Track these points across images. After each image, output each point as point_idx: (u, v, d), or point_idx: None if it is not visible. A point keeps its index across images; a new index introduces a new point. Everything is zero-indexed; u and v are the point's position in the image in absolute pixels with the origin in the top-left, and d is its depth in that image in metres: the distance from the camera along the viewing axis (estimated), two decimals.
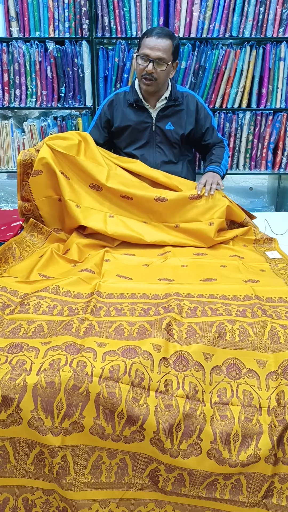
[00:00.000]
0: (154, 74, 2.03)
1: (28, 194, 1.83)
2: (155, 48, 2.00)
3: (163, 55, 2.01)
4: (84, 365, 1.05)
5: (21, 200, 1.85)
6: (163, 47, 2.00)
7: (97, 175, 1.85)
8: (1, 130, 2.80)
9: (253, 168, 2.88)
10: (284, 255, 1.75)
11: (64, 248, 1.75)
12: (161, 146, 2.21)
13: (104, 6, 2.55)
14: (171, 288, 1.37)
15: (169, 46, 2.02)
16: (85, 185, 1.87)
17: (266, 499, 1.06)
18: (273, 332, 1.18)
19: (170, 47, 2.03)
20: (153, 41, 2.00)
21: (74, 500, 1.04)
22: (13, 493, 1.06)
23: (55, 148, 1.82)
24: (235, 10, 2.55)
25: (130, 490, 1.06)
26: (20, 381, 1.03)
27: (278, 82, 2.69)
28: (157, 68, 2.02)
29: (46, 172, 1.81)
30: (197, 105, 2.22)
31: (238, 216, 1.94)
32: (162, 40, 2.00)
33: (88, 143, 1.96)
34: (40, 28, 2.62)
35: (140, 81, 2.09)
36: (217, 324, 1.19)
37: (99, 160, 1.92)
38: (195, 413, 1.05)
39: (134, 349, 1.11)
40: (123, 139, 2.22)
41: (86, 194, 1.86)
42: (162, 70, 2.03)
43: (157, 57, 2.00)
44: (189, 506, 1.07)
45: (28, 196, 1.84)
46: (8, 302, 1.31)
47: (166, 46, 2.01)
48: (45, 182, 1.82)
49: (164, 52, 2.01)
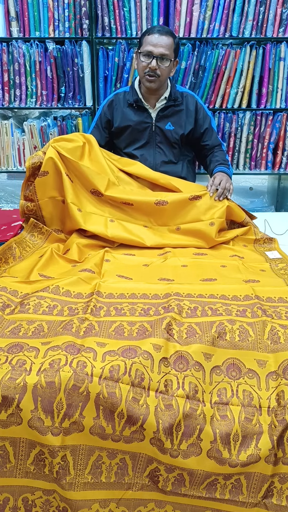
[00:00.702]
0: (157, 71, 2.03)
1: (32, 194, 1.84)
2: (158, 45, 2.01)
3: (166, 51, 2.02)
4: (84, 365, 1.05)
5: (24, 199, 1.85)
6: (166, 43, 2.02)
7: (98, 184, 1.85)
8: (1, 130, 2.80)
9: (253, 168, 2.88)
10: (284, 255, 1.75)
11: (64, 248, 1.75)
12: (161, 146, 2.21)
13: (104, 6, 2.55)
14: (171, 288, 1.37)
15: (171, 42, 2.04)
16: (86, 190, 1.88)
17: (266, 499, 1.06)
18: (273, 332, 1.18)
19: (172, 44, 2.04)
20: (155, 38, 2.01)
21: (74, 500, 1.04)
22: (13, 493, 1.06)
23: (60, 151, 1.82)
24: (235, 10, 2.55)
25: (130, 490, 1.06)
26: (20, 381, 1.03)
27: (278, 82, 2.69)
28: (160, 64, 2.03)
29: (53, 173, 1.82)
30: (197, 105, 2.22)
31: (238, 216, 1.94)
32: (165, 37, 2.02)
33: (92, 146, 1.97)
34: (40, 28, 2.62)
35: (142, 78, 2.09)
36: (217, 324, 1.19)
37: (102, 163, 1.92)
38: (195, 413, 1.05)
39: (134, 349, 1.11)
40: (123, 139, 2.22)
41: (87, 199, 1.87)
42: (166, 67, 2.04)
43: (160, 54, 2.01)
44: (189, 506, 1.07)
45: (32, 196, 1.84)
46: (8, 302, 1.31)
47: (168, 42, 2.03)
48: (50, 183, 1.83)
49: (167, 49, 2.02)
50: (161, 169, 2.18)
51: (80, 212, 1.80)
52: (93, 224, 1.80)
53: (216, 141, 2.28)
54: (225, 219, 1.91)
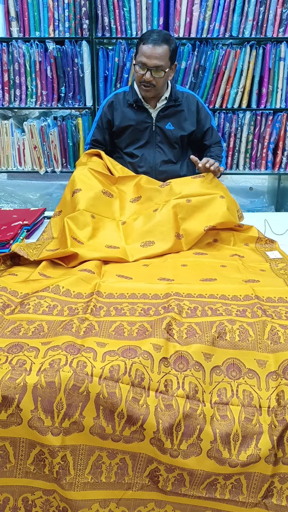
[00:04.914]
0: (152, 82, 2.03)
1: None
2: (152, 57, 1.98)
3: (160, 62, 2.00)
4: (84, 365, 1.05)
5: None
6: (159, 54, 1.99)
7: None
8: (1, 130, 2.80)
9: (253, 168, 2.88)
10: (285, 255, 1.75)
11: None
12: (161, 146, 2.21)
13: (104, 6, 2.55)
14: (171, 288, 1.37)
15: (165, 52, 2.00)
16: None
17: (266, 499, 1.06)
18: (273, 332, 1.18)
19: (167, 52, 2.01)
20: (149, 49, 1.98)
21: (74, 500, 1.04)
22: (13, 493, 1.06)
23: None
24: (235, 10, 2.55)
25: (130, 490, 1.06)
26: (20, 381, 1.03)
27: (278, 82, 2.69)
28: (155, 75, 2.02)
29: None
30: (198, 106, 2.22)
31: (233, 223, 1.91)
32: (159, 48, 1.98)
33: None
34: (40, 28, 2.62)
35: (139, 87, 2.10)
36: (217, 324, 1.19)
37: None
38: (195, 413, 1.05)
39: (134, 349, 1.11)
40: (124, 139, 2.23)
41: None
42: (160, 77, 2.03)
43: (154, 66, 2.00)
44: (189, 506, 1.07)
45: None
46: (8, 302, 1.31)
47: (162, 53, 1.99)
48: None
49: (160, 60, 1.99)
50: (160, 168, 2.19)
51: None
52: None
53: (216, 138, 2.29)
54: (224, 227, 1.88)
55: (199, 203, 1.83)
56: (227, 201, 1.87)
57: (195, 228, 1.78)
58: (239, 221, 1.98)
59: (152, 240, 1.76)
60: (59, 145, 2.82)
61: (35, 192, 3.20)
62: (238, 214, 2.00)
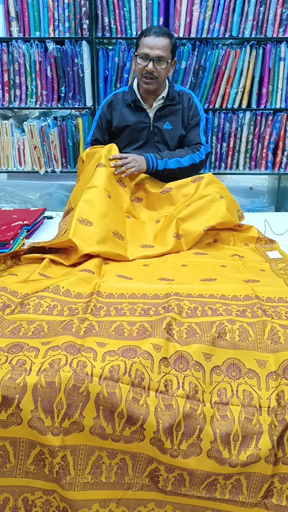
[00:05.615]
0: (154, 73, 2.03)
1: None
2: (155, 47, 2.01)
3: (162, 53, 2.02)
4: (84, 365, 1.05)
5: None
6: (162, 45, 2.01)
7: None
8: (1, 130, 2.80)
9: (253, 168, 2.89)
10: (285, 255, 1.75)
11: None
12: (158, 146, 2.21)
13: (104, 6, 2.55)
14: (171, 288, 1.37)
15: (167, 44, 2.03)
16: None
17: (266, 499, 1.06)
18: (273, 332, 1.18)
19: (169, 45, 2.04)
20: (152, 40, 2.01)
21: (74, 500, 1.04)
22: (13, 493, 1.06)
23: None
24: (235, 10, 2.55)
25: (130, 490, 1.06)
26: (20, 381, 1.03)
27: (278, 82, 2.69)
28: (157, 66, 2.03)
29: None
30: (190, 102, 2.19)
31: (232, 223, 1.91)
32: (161, 39, 2.01)
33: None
34: (40, 28, 2.62)
35: (140, 80, 2.10)
36: (217, 324, 1.19)
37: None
38: (195, 413, 1.05)
39: (134, 349, 1.11)
40: (122, 139, 2.23)
41: None
42: (162, 69, 2.04)
43: (156, 56, 2.01)
44: (189, 506, 1.07)
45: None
46: (8, 302, 1.31)
47: (165, 44, 2.02)
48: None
49: (163, 50, 2.02)
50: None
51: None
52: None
53: (196, 139, 2.19)
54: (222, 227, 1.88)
55: (198, 204, 1.84)
56: (227, 201, 1.87)
57: (195, 228, 1.78)
58: (240, 221, 1.98)
59: (151, 244, 1.81)
60: (59, 145, 2.82)
61: (35, 192, 3.20)
62: (238, 214, 2.00)
